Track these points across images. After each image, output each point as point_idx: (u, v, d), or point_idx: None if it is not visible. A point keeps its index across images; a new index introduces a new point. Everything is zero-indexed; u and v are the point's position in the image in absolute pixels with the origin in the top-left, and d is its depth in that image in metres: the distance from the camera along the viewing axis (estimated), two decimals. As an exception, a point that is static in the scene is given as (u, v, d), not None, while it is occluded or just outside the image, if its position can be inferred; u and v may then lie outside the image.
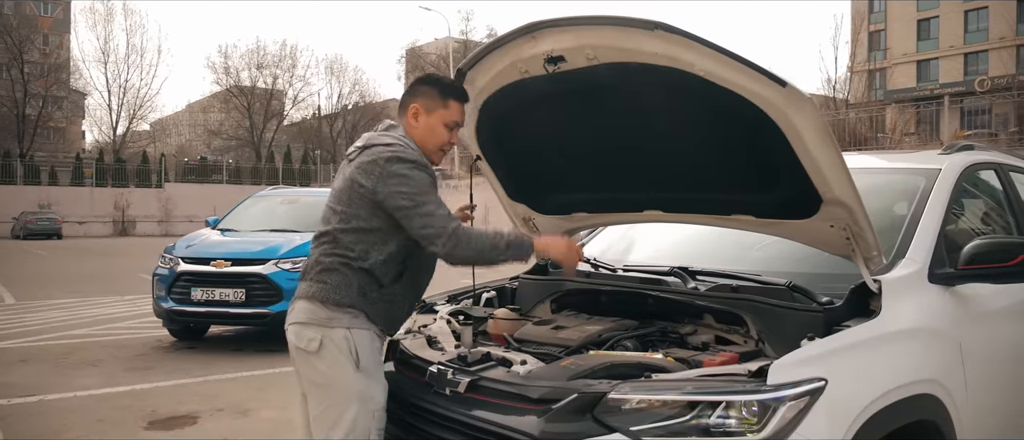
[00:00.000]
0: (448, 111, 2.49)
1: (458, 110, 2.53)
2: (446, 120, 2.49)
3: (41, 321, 9.30)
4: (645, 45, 2.15)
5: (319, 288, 2.35)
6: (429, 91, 2.50)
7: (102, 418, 4.97)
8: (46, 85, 50.91)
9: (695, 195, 2.64)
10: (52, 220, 36.60)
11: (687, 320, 2.68)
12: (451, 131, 2.51)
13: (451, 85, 2.55)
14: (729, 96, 2.12)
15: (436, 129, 2.49)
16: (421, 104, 2.49)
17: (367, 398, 2.32)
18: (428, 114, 2.48)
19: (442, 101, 2.48)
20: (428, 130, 2.48)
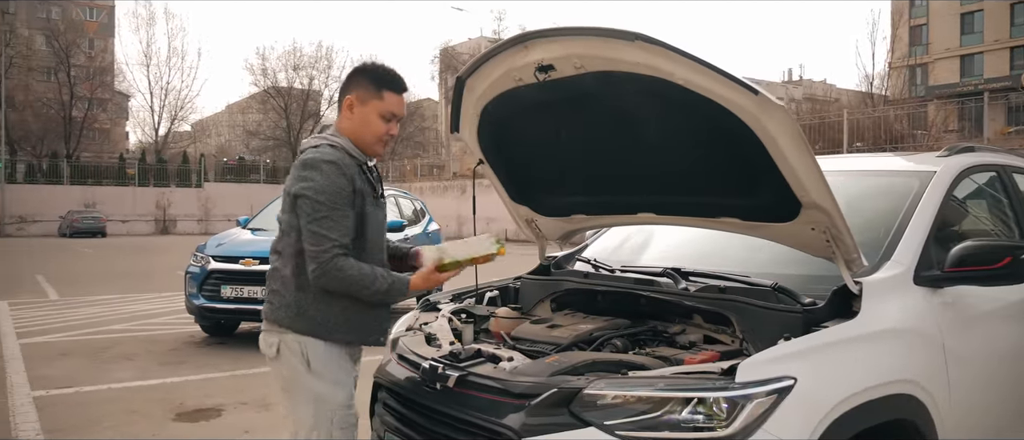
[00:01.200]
0: (383, 102, 2.43)
1: (395, 101, 2.46)
2: (381, 111, 2.43)
3: (82, 317, 9.65)
4: (627, 55, 2.23)
5: (267, 307, 2.50)
6: (364, 81, 2.44)
7: (134, 410, 5.19)
8: (91, 88, 52.38)
9: (684, 198, 2.71)
10: (96, 219, 37.68)
11: (678, 320, 2.75)
12: (388, 122, 2.45)
13: (386, 74, 2.46)
14: (708, 104, 2.19)
15: (370, 120, 2.43)
16: (356, 95, 2.44)
17: (322, 399, 2.40)
18: (363, 105, 2.43)
19: (376, 91, 2.43)
20: (362, 122, 2.43)
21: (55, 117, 49.94)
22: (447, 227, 32.36)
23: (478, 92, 2.82)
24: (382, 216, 2.57)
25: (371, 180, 2.50)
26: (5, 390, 5.69)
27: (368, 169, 2.49)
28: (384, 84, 2.44)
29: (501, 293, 3.39)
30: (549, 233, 3.42)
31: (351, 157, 2.42)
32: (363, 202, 2.41)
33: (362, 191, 2.41)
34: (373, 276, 2.33)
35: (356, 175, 2.40)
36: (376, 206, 2.51)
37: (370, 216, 2.44)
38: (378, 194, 2.54)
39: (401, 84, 2.49)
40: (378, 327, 2.52)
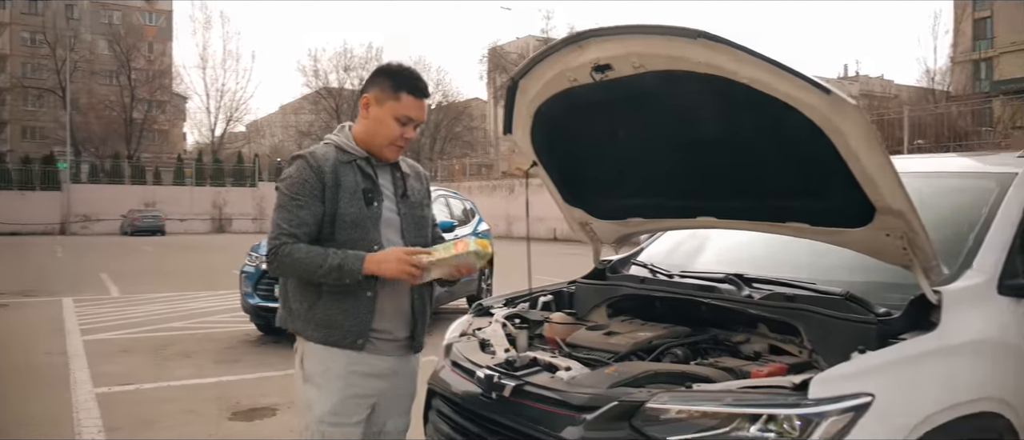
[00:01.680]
0: (399, 104, 2.31)
1: (413, 105, 2.33)
2: (397, 113, 2.32)
3: (142, 314, 9.90)
4: (689, 54, 2.14)
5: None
6: (383, 82, 2.34)
7: (191, 408, 5.27)
8: (151, 90, 54.01)
9: (748, 202, 2.61)
10: (156, 218, 38.84)
11: (741, 328, 2.65)
12: (404, 126, 2.34)
13: (405, 76, 2.34)
14: (774, 103, 2.09)
15: (385, 122, 2.33)
16: (373, 95, 2.35)
17: (308, 405, 2.34)
18: (379, 106, 2.33)
19: (394, 93, 2.32)
20: (377, 122, 2.33)
21: (117, 119, 51.62)
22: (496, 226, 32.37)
23: (531, 93, 2.76)
24: (403, 215, 2.42)
25: (373, 177, 2.36)
26: (70, 387, 5.85)
27: (372, 165, 2.37)
28: (402, 86, 2.32)
29: (555, 298, 3.32)
30: (604, 236, 3.34)
31: (344, 152, 2.34)
32: (338, 197, 2.26)
33: (349, 187, 2.28)
34: (324, 255, 2.19)
35: (340, 170, 2.29)
36: (381, 204, 2.36)
37: (349, 214, 2.27)
38: (400, 193, 2.44)
39: (420, 87, 2.36)
40: (351, 329, 2.27)
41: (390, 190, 2.42)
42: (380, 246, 2.30)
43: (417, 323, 2.44)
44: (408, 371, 2.49)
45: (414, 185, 2.52)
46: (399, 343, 2.41)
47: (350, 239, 2.26)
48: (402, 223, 2.41)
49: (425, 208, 2.55)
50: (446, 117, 53.33)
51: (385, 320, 2.35)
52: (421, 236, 2.48)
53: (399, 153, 2.41)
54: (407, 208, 2.44)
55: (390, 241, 2.35)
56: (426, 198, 2.58)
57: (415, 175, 2.57)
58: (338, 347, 2.28)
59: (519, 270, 2.60)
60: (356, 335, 2.28)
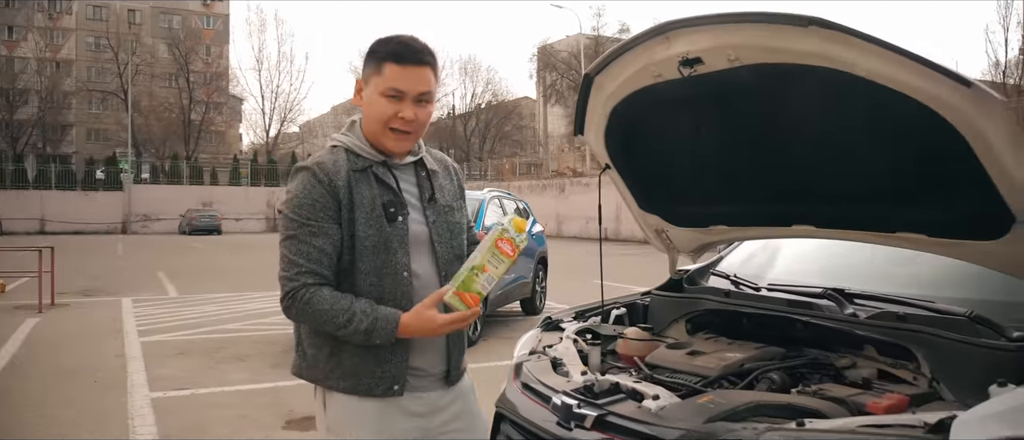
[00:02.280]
0: (382, 77, 1.86)
1: (396, 74, 1.85)
2: (382, 88, 1.86)
3: (198, 315, 9.97)
4: (797, 44, 1.89)
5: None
6: (369, 59, 1.92)
7: (244, 415, 5.18)
8: (208, 92, 55.37)
9: (853, 209, 2.33)
10: (213, 217, 39.73)
11: (843, 349, 2.38)
12: (396, 101, 1.86)
13: (387, 44, 1.89)
14: (898, 99, 1.83)
15: (373, 102, 1.89)
16: (363, 77, 1.93)
17: None
18: (367, 87, 1.92)
19: (376, 67, 1.88)
20: (368, 106, 1.91)
21: (176, 121, 53.05)
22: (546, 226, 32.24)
23: (608, 90, 2.53)
24: (432, 225, 1.98)
25: (393, 185, 1.93)
26: (126, 390, 5.84)
27: (390, 169, 1.95)
28: (383, 56, 1.87)
29: (628, 310, 3.09)
30: (682, 245, 3.09)
31: (357, 157, 1.92)
32: (354, 218, 1.86)
33: (366, 202, 1.88)
34: (349, 312, 1.79)
35: (354, 181, 1.88)
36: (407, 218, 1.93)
37: (369, 237, 1.87)
38: (427, 197, 2.00)
39: (402, 52, 1.86)
40: (387, 375, 1.89)
41: (415, 195, 1.98)
42: (409, 273, 1.90)
43: (453, 354, 2.04)
44: (448, 403, 2.05)
45: (443, 184, 2.07)
46: (435, 378, 2.01)
47: (374, 267, 1.87)
48: (432, 235, 1.97)
49: (457, 211, 2.08)
50: (496, 116, 53.36)
51: (420, 357, 1.96)
52: (455, 248, 2.04)
53: (404, 142, 1.92)
54: (436, 215, 2.00)
55: (420, 262, 1.94)
56: (458, 198, 2.12)
57: (444, 170, 2.11)
58: (370, 397, 1.89)
59: (573, 271, 2.33)
60: (392, 381, 1.90)
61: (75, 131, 57.06)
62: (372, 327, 1.80)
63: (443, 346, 2.02)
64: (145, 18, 59.88)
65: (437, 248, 1.97)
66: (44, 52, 54.56)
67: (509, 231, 1.86)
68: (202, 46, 57.80)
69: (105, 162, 45.21)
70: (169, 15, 60.55)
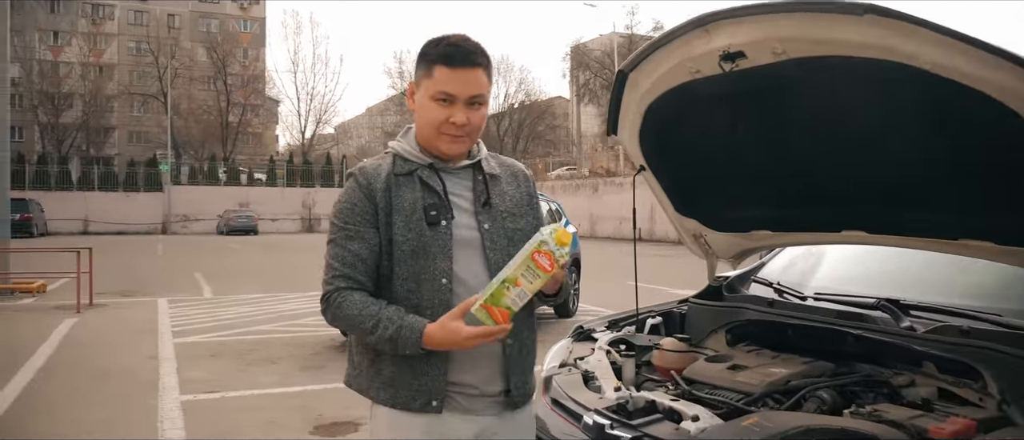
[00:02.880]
0: (433, 80, 1.78)
1: (448, 77, 1.77)
2: (432, 91, 1.78)
3: (232, 316, 10.00)
4: (851, 34, 1.74)
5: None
6: (420, 62, 1.84)
7: (273, 419, 5.12)
8: (245, 94, 56.14)
9: (911, 214, 2.16)
10: (249, 218, 40.21)
11: (899, 365, 2.20)
12: (447, 105, 1.78)
13: (437, 45, 1.81)
14: (964, 93, 1.66)
15: (424, 107, 1.81)
16: (415, 80, 1.86)
17: None
18: (418, 91, 1.84)
19: (427, 71, 1.80)
20: (420, 111, 1.84)
21: (214, 123, 53.90)
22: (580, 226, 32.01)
23: (643, 88, 2.39)
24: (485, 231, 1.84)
25: (438, 188, 1.83)
26: (157, 392, 5.82)
27: (438, 172, 1.85)
28: (433, 59, 1.79)
29: (664, 320, 2.94)
30: (721, 251, 2.93)
31: (404, 161, 1.86)
32: (392, 221, 1.79)
33: (405, 206, 1.80)
34: (375, 318, 1.73)
35: (395, 185, 1.82)
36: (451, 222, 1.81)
37: (407, 241, 1.78)
38: (481, 201, 1.87)
39: (453, 54, 1.77)
40: (423, 387, 1.77)
41: (467, 200, 1.87)
42: (449, 278, 1.79)
43: (513, 372, 1.84)
44: (510, 431, 1.87)
45: (506, 189, 1.93)
46: (491, 399, 1.83)
47: (412, 272, 1.78)
48: (484, 241, 1.84)
49: (521, 218, 1.92)
50: (529, 116, 53.22)
51: (466, 372, 1.80)
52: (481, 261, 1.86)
53: (459, 145, 1.84)
54: (491, 221, 1.86)
55: (468, 268, 1.81)
56: (524, 205, 1.95)
57: (509, 176, 1.97)
58: (409, 411, 1.78)
59: (607, 272, 2.16)
60: (430, 395, 1.77)
61: (117, 134, 58.22)
62: (397, 335, 1.71)
63: (499, 362, 1.83)
64: (184, 22, 60.91)
65: (489, 254, 1.84)
66: (88, 57, 55.80)
67: (548, 243, 1.69)
68: (239, 49, 58.59)
69: (146, 164, 46.04)
70: (207, 19, 61.50)
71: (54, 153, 48.30)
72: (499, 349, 1.82)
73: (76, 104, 52.84)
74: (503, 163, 2.01)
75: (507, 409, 1.86)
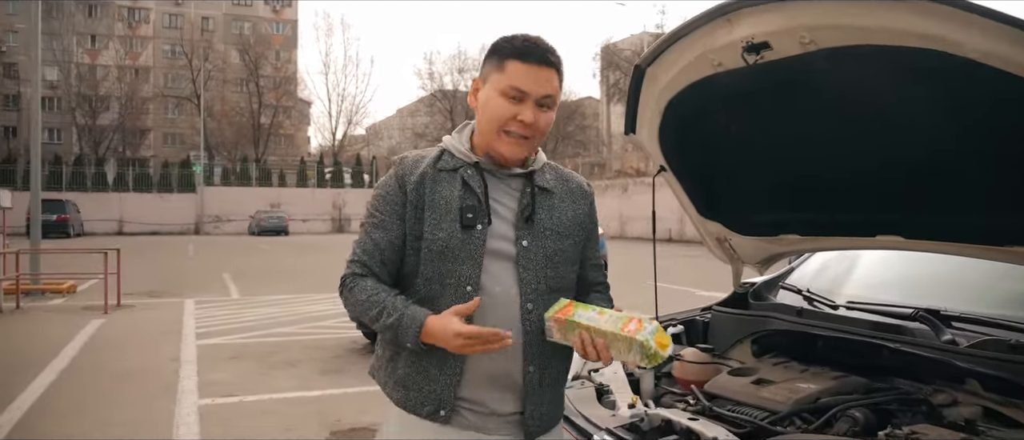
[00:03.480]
0: (503, 75, 1.67)
1: (520, 72, 1.66)
2: (502, 86, 1.67)
3: (256, 317, 9.99)
4: (890, 21, 1.58)
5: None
6: (491, 57, 1.74)
7: (290, 425, 5.05)
8: (277, 96, 56.76)
9: (952, 218, 1.99)
10: (280, 218, 40.62)
11: (939, 381, 2.03)
12: (516, 103, 1.67)
13: (513, 42, 1.71)
14: (1016, 85, 1.49)
15: (491, 101, 1.69)
16: (482, 76, 1.76)
17: None
18: (485, 85, 1.73)
19: (498, 64, 1.70)
20: (484, 106, 1.71)
21: (246, 124, 54.56)
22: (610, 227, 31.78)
23: (662, 83, 2.25)
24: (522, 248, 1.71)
25: (479, 191, 1.71)
26: (175, 396, 5.79)
27: (483, 174, 1.74)
28: (507, 54, 1.69)
29: (686, 328, 2.79)
30: (747, 256, 2.77)
31: (450, 157, 1.76)
32: (422, 217, 1.70)
33: (441, 202, 1.70)
34: (380, 305, 1.66)
35: (430, 180, 1.72)
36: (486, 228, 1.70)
37: (437, 240, 1.68)
38: (525, 215, 1.73)
39: (532, 51, 1.67)
40: (431, 394, 1.68)
41: (510, 210, 1.73)
42: (474, 288, 1.66)
43: (532, 394, 1.70)
44: None
45: (557, 205, 1.78)
46: (503, 419, 1.71)
47: (437, 274, 1.68)
48: (519, 257, 1.70)
49: (568, 238, 1.77)
50: (559, 116, 52.95)
51: (477, 388, 1.69)
52: (552, 278, 1.73)
53: (520, 148, 1.71)
54: (531, 238, 1.71)
55: (497, 280, 1.68)
56: (576, 225, 1.79)
57: (565, 192, 1.81)
58: (416, 415, 1.70)
59: (635, 273, 2.02)
60: (436, 404, 1.68)
61: (152, 135, 59.20)
62: (398, 324, 1.63)
63: (518, 381, 1.70)
64: (218, 25, 61.76)
65: (522, 272, 1.70)
66: (124, 60, 56.84)
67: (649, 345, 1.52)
68: (272, 51, 59.26)
69: (179, 165, 46.76)
70: (240, 21, 62.28)
71: (91, 155, 49.29)
72: (519, 371, 1.69)
73: (112, 106, 53.83)
74: (562, 176, 1.85)
75: (522, 434, 1.72)
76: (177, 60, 58.19)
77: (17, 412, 5.31)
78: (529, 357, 1.68)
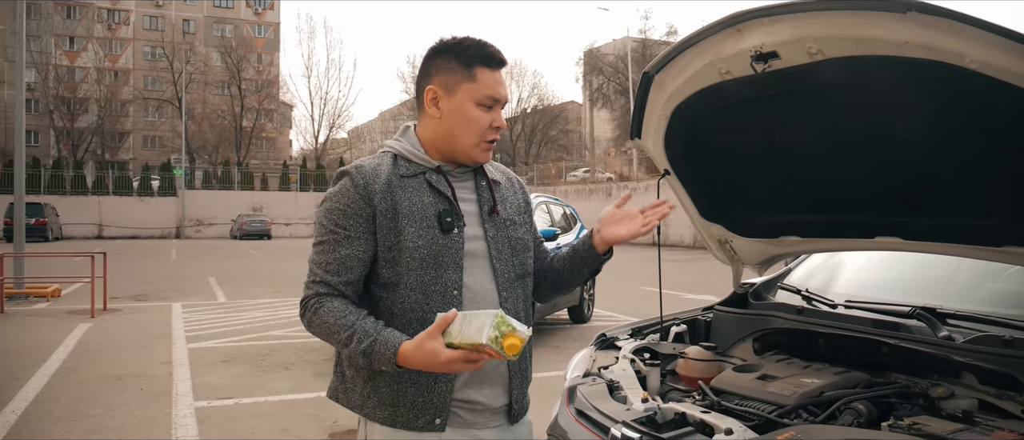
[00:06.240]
0: (477, 84, 1.71)
1: (491, 79, 1.72)
2: (477, 96, 1.71)
3: (245, 321, 9.98)
4: (893, 33, 1.66)
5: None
6: (447, 63, 1.73)
7: (287, 427, 5.08)
8: (259, 99, 56.47)
9: (949, 220, 2.08)
10: (263, 222, 40.38)
11: (936, 376, 2.12)
12: (488, 110, 1.72)
13: (474, 47, 1.73)
14: (1013, 94, 1.59)
15: (466, 113, 1.71)
16: (439, 83, 1.73)
17: None
18: (450, 94, 1.72)
19: (466, 71, 1.71)
20: (456, 117, 1.72)
21: (228, 127, 54.22)
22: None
23: (669, 90, 2.32)
24: (491, 240, 1.78)
25: (449, 194, 1.75)
26: (171, 399, 5.80)
27: (446, 177, 1.77)
28: (474, 59, 1.71)
29: (689, 327, 2.87)
30: (747, 257, 2.86)
31: (408, 162, 1.76)
32: (399, 227, 1.68)
33: (414, 210, 1.70)
34: (350, 329, 1.62)
35: (398, 188, 1.71)
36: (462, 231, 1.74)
37: (418, 249, 1.68)
38: (486, 209, 1.80)
39: (497, 57, 1.74)
40: (428, 405, 1.69)
41: (474, 207, 1.80)
42: (459, 289, 1.70)
43: (515, 386, 1.80)
44: None
45: (506, 196, 1.88)
46: (495, 412, 1.79)
47: (420, 282, 1.69)
48: (491, 251, 1.78)
49: (520, 226, 1.87)
50: (541, 120, 53.14)
51: (473, 388, 1.75)
52: (517, 266, 1.82)
53: (491, 152, 1.80)
54: (496, 229, 1.80)
55: (476, 278, 1.74)
56: (522, 212, 1.91)
57: (507, 182, 1.93)
58: (409, 430, 1.70)
59: (621, 278, 2.09)
60: (434, 413, 1.69)
61: (132, 138, 58.67)
62: (371, 350, 1.60)
63: (505, 377, 1.79)
64: (199, 27, 61.39)
65: (496, 265, 1.78)
66: (103, 62, 56.33)
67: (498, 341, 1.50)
68: (253, 54, 58.99)
69: (160, 168, 46.38)
70: (222, 24, 61.95)
71: (69, 158, 48.74)
72: (505, 363, 1.77)
73: (91, 109, 53.31)
74: (499, 168, 1.96)
75: (508, 422, 1.83)
76: (157, 62, 57.75)
77: (12, 415, 5.30)
78: None
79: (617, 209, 1.91)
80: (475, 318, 1.54)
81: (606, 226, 1.89)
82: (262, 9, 63.82)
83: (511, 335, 1.51)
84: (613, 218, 1.89)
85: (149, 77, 58.94)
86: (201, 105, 54.76)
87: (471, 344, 1.52)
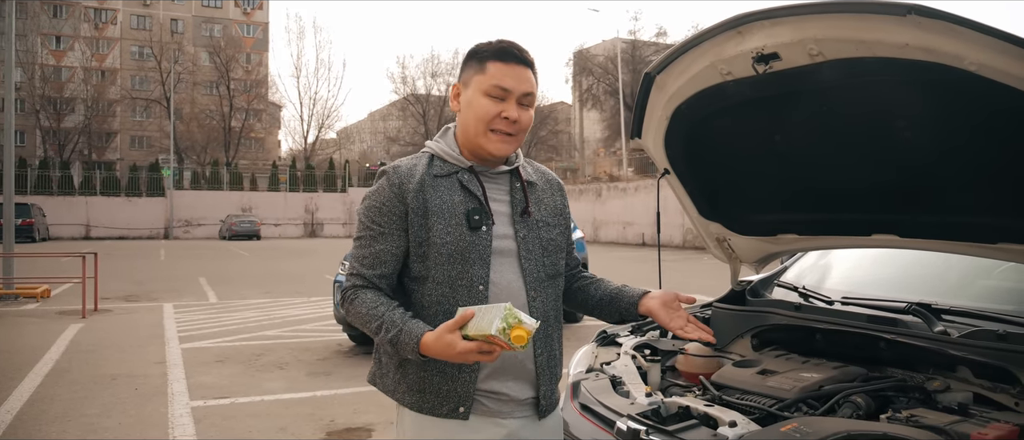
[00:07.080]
0: (486, 76, 1.79)
1: (501, 71, 1.78)
2: (485, 86, 1.78)
3: (238, 321, 9.97)
4: (892, 35, 1.71)
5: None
6: (469, 62, 1.85)
7: (284, 426, 5.09)
8: (248, 99, 56.28)
9: (946, 218, 2.13)
10: (252, 223, 40.24)
11: (932, 370, 2.18)
12: (500, 101, 1.79)
13: (492, 45, 1.83)
14: (1010, 96, 1.64)
15: (475, 102, 1.79)
16: (462, 81, 1.86)
17: None
18: (466, 89, 1.83)
19: (478, 66, 1.81)
20: (468, 109, 1.81)
21: (216, 127, 54.00)
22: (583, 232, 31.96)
23: (670, 90, 2.36)
24: (521, 240, 1.84)
25: (479, 194, 1.81)
26: (167, 399, 5.80)
27: (478, 177, 1.83)
28: (487, 55, 1.81)
29: (688, 324, 2.91)
30: (745, 255, 2.90)
31: (443, 162, 1.85)
32: (429, 223, 1.76)
33: (444, 207, 1.77)
34: (379, 318, 1.72)
35: (430, 187, 1.79)
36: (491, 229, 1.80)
37: (446, 244, 1.75)
38: (519, 210, 1.86)
39: (512, 51, 1.80)
40: (451, 393, 1.76)
41: (505, 207, 1.86)
42: (485, 285, 1.77)
43: (543, 380, 1.84)
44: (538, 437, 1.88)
45: (542, 198, 1.94)
46: (521, 404, 1.83)
47: (447, 277, 1.76)
48: (520, 250, 1.83)
49: (555, 228, 1.94)
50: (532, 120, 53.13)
51: (497, 380, 1.80)
52: (548, 266, 1.88)
53: (507, 145, 1.82)
54: (527, 230, 1.86)
55: (503, 275, 1.80)
56: (558, 215, 1.96)
57: (545, 184, 1.98)
58: (435, 416, 1.78)
59: (610, 276, 2.14)
60: (458, 401, 1.76)
61: (120, 138, 58.32)
62: (397, 339, 1.69)
63: (531, 370, 1.83)
64: (187, 27, 61.10)
65: (524, 264, 1.84)
66: (90, 61, 55.97)
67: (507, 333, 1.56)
68: (242, 54, 58.77)
69: (148, 168, 46.13)
70: (210, 24, 61.70)
71: (56, 158, 48.41)
72: (531, 358, 1.83)
73: (78, 108, 52.97)
74: (538, 170, 2.02)
75: (535, 416, 1.87)
76: (145, 62, 57.43)
77: (8, 415, 5.29)
78: (538, 343, 1.82)
79: (677, 298, 1.96)
80: (488, 311, 1.61)
81: (659, 305, 1.94)
82: (251, 9, 63.60)
83: (518, 327, 1.56)
84: (669, 304, 1.95)
85: (137, 77, 58.61)
86: (189, 105, 54.51)
87: (483, 335, 1.58)
